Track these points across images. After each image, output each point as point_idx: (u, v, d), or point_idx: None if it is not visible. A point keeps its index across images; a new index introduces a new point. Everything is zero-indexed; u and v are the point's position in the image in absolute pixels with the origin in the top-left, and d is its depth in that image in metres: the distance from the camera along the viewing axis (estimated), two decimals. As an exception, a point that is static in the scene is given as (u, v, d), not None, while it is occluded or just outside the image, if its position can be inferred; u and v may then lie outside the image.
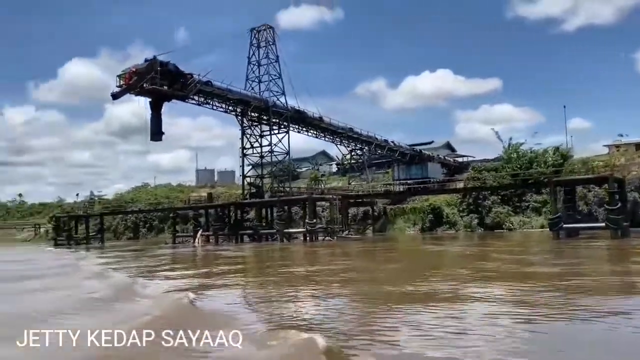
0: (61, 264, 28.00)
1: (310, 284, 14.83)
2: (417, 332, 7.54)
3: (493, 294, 11.24)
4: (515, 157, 53.49)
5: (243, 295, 13.54)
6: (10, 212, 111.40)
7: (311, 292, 13.14)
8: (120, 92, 36.16)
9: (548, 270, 16.55)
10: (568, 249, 25.78)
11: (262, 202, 44.03)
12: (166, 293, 12.97)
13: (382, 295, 11.74)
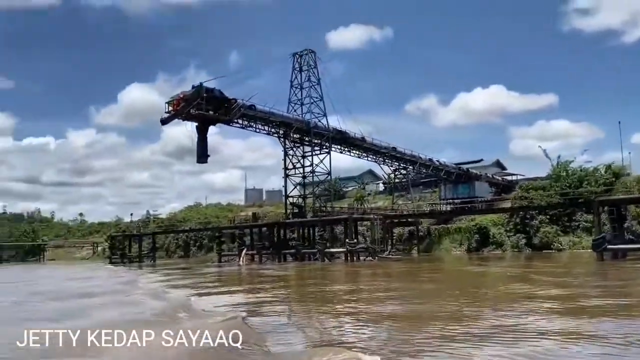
0: (119, 281, 29.69)
1: (352, 303, 15.42)
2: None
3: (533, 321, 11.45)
4: (564, 175, 52.48)
5: (289, 312, 14.27)
6: (71, 231, 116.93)
7: (353, 310, 13.71)
8: (169, 118, 38.23)
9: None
10: (613, 271, 25.37)
11: (303, 221, 45.00)
12: (219, 310, 13.85)
13: (427, 316, 12.09)
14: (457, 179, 61.08)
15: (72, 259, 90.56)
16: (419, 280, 25.21)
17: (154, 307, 14.86)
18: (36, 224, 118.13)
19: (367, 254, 40.76)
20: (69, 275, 40.24)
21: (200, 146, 39.04)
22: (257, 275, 32.04)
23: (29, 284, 30.13)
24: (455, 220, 56.64)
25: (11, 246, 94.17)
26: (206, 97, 38.06)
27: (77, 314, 13.49)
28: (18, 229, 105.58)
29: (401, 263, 38.31)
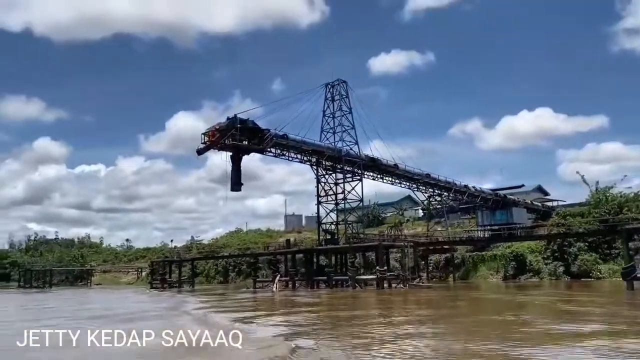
0: (163, 306, 31.25)
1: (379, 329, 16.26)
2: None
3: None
4: (603, 201, 51.66)
5: (326, 339, 14.59)
6: (118, 256, 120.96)
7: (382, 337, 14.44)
8: (204, 148, 40.21)
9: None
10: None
11: (334, 248, 45.93)
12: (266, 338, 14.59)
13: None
14: (494, 205, 60.70)
15: (118, 283, 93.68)
16: (444, 310, 25.71)
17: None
18: (85, 249, 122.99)
19: (398, 281, 41.24)
20: (114, 299, 42.36)
21: (234, 175, 40.72)
22: (288, 303, 33.05)
23: (82, 308, 32.15)
24: (492, 247, 56.27)
25: (61, 271, 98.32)
26: (240, 128, 39.86)
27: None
28: (68, 255, 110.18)
29: (432, 291, 38.58)
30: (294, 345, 12.52)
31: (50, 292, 66.51)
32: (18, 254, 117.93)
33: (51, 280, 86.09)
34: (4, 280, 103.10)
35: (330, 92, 50.18)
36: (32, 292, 68.68)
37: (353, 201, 48.51)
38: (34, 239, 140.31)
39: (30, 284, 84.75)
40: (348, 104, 49.81)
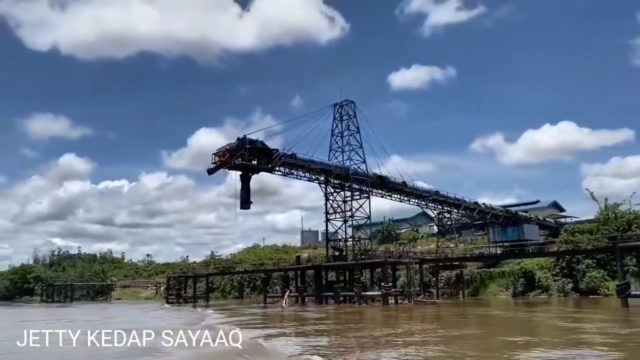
0: (183, 321, 32.94)
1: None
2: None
3: None
4: (612, 218, 52.15)
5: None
6: (139, 271, 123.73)
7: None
8: (215, 168, 42.14)
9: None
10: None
11: (340, 264, 47.32)
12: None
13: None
14: (505, 222, 61.48)
15: (137, 298, 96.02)
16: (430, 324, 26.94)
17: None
18: (106, 265, 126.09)
19: (404, 297, 42.39)
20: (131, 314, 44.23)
21: (243, 193, 42.46)
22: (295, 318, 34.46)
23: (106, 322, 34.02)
24: (503, 264, 56.95)
25: (82, 286, 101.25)
26: (249, 148, 41.68)
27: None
28: (89, 270, 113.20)
29: (435, 307, 39.61)
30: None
31: (71, 306, 68.97)
32: (42, 269, 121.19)
33: (72, 295, 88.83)
34: (28, 295, 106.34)
35: (339, 112, 51.92)
36: (54, 306, 71.31)
37: (361, 218, 49.86)
38: (57, 254, 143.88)
39: (52, 298, 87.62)
40: (356, 124, 51.52)
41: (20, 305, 76.96)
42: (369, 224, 51.12)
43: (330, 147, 51.16)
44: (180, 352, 13.54)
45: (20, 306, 74.46)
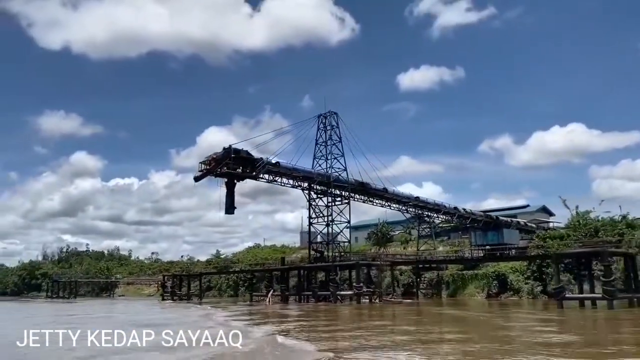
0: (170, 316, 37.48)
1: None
2: None
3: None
4: (580, 224, 55.90)
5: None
6: (143, 269, 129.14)
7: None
8: (201, 176, 46.52)
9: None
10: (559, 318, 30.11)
11: (318, 266, 51.63)
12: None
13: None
14: (485, 226, 65.30)
15: (140, 294, 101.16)
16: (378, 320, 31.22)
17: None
18: (112, 262, 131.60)
19: (375, 296, 46.66)
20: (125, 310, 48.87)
21: (228, 199, 46.80)
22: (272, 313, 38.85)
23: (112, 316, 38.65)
24: (482, 267, 60.88)
25: (87, 282, 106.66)
26: (234, 158, 45.94)
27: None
28: (95, 267, 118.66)
29: (401, 306, 43.75)
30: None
31: (74, 302, 73.89)
32: (49, 266, 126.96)
33: (76, 291, 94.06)
34: (36, 290, 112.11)
35: (323, 123, 56.10)
36: (58, 302, 76.44)
37: (341, 223, 54.10)
38: (66, 251, 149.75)
39: (58, 294, 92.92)
40: (338, 134, 55.60)
41: (26, 301, 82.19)
42: (349, 227, 55.14)
43: (315, 155, 55.33)
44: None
45: (26, 302, 79.66)
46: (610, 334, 21.61)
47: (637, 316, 30.27)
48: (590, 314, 31.39)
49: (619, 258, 41.19)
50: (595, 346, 16.71)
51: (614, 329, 23.67)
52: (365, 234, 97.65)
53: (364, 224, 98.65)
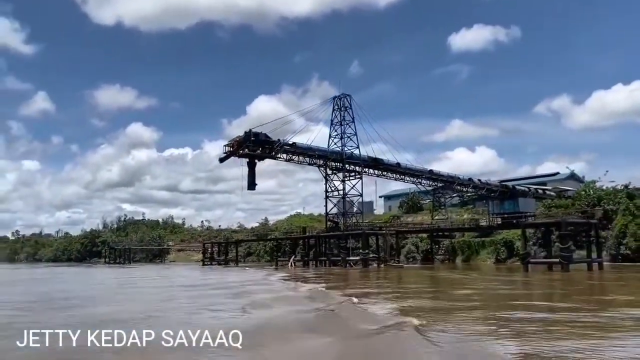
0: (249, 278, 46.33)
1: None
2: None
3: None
4: (584, 194, 60.72)
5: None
6: (194, 236, 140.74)
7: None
8: (225, 157, 54.54)
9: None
10: (524, 278, 36.48)
11: (333, 235, 59.15)
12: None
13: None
14: (502, 195, 70.71)
15: (189, 260, 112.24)
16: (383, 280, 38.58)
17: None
18: (166, 230, 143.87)
19: (380, 261, 53.95)
20: (164, 274, 58.23)
21: (250, 177, 54.80)
22: (292, 275, 46.75)
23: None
24: (495, 234, 66.77)
25: (142, 249, 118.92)
26: (253, 140, 53.75)
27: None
28: (148, 235, 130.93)
29: (399, 270, 50.76)
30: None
31: (129, 267, 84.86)
32: (108, 234, 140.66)
33: (131, 257, 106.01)
34: (97, 257, 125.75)
35: (337, 104, 62.79)
36: (115, 267, 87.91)
37: (354, 196, 61.17)
38: (123, 220, 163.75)
39: (115, 260, 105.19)
40: (351, 114, 62.23)
41: (89, 266, 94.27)
42: (362, 201, 62.14)
43: (330, 134, 62.34)
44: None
45: (89, 267, 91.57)
46: (540, 290, 28.09)
47: (583, 277, 36.05)
48: (544, 276, 37.47)
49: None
50: (512, 297, 23.18)
51: (547, 286, 30.01)
52: (398, 202, 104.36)
53: (397, 193, 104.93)
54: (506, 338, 11.74)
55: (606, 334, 12.29)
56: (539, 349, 10.32)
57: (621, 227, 52.97)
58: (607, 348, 10.49)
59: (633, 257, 51.27)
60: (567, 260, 38.57)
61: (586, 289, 28.35)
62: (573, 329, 12.88)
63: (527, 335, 12.33)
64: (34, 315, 16.92)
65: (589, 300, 21.39)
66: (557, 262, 40.12)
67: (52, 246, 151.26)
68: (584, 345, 10.59)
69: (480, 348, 10.79)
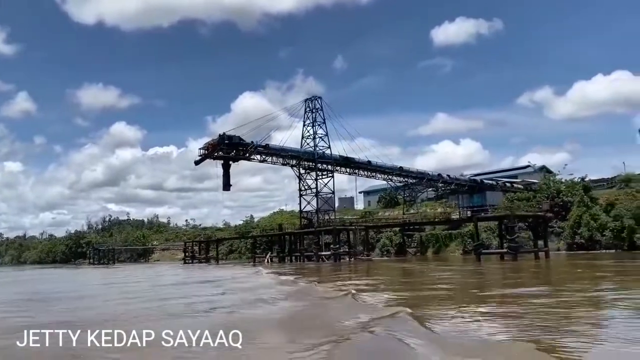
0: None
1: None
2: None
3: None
4: (545, 187, 64.89)
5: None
6: (179, 235, 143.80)
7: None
8: (200, 160, 58.00)
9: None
10: (472, 267, 40.27)
11: (306, 231, 62.88)
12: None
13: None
14: (471, 189, 74.80)
15: (174, 259, 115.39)
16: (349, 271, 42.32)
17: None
18: (150, 230, 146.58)
19: (350, 255, 57.78)
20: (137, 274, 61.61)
21: (225, 178, 58.33)
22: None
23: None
24: (464, 227, 70.84)
25: (127, 249, 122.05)
26: (227, 143, 57.25)
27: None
28: (133, 235, 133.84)
29: (367, 262, 54.53)
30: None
31: (112, 267, 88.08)
32: (93, 235, 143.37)
33: (115, 258, 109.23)
34: (82, 258, 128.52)
35: (309, 106, 66.39)
36: (99, 267, 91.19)
37: (326, 194, 64.84)
38: (108, 220, 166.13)
39: (99, 261, 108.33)
40: (322, 116, 65.83)
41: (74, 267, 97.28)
42: (333, 198, 65.80)
43: (302, 135, 65.92)
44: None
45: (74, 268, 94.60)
46: (484, 277, 31.89)
47: (528, 266, 39.91)
48: (492, 265, 41.37)
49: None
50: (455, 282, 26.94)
51: (491, 274, 33.82)
52: (377, 197, 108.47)
53: (376, 188, 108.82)
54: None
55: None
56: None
57: (576, 218, 57.09)
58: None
59: (586, 245, 55.52)
60: (515, 251, 42.42)
61: (516, 275, 32.19)
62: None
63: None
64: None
65: (506, 285, 25.24)
66: (505, 252, 43.96)
67: (37, 248, 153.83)
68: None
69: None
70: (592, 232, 55.41)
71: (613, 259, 42.54)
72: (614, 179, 73.16)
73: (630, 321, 12.45)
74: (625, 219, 53.23)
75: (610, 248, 53.90)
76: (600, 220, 55.77)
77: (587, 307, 14.97)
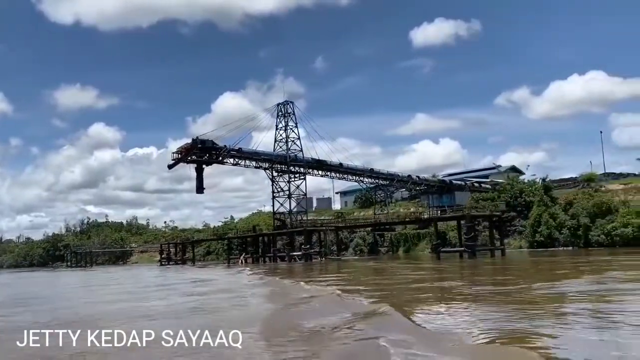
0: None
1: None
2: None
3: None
4: (509, 187, 68.10)
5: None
6: (157, 237, 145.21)
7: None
8: (174, 164, 60.12)
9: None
10: (429, 265, 43.06)
11: (279, 232, 65.45)
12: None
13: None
14: (440, 190, 77.93)
15: (152, 261, 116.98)
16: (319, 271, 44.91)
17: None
18: (126, 233, 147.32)
19: (319, 256, 60.41)
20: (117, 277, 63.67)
21: (198, 181, 60.52)
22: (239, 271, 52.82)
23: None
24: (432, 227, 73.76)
25: (105, 252, 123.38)
26: (200, 147, 59.44)
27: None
28: (111, 237, 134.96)
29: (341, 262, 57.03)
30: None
31: (90, 270, 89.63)
32: (71, 238, 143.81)
33: (92, 261, 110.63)
34: (60, 261, 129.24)
35: (282, 110, 68.88)
36: (76, 270, 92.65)
37: (299, 195, 67.40)
38: (87, 223, 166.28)
39: (77, 264, 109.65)
40: (294, 120, 68.45)
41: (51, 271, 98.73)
42: (306, 199, 68.37)
43: (275, 139, 68.40)
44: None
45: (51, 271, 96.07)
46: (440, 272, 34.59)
47: (484, 263, 42.91)
48: (450, 263, 44.22)
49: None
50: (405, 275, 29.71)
51: (447, 270, 36.55)
52: (353, 197, 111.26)
53: (352, 189, 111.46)
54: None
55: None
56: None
57: (536, 217, 60.21)
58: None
59: (546, 243, 58.62)
60: (471, 249, 45.36)
61: (468, 272, 35.05)
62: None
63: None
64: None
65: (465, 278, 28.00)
66: (462, 250, 46.89)
67: (13, 252, 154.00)
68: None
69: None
70: (550, 230, 58.43)
71: (568, 255, 45.60)
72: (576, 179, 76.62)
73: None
74: (581, 217, 56.31)
75: (567, 245, 57.00)
76: (559, 219, 58.86)
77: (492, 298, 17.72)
